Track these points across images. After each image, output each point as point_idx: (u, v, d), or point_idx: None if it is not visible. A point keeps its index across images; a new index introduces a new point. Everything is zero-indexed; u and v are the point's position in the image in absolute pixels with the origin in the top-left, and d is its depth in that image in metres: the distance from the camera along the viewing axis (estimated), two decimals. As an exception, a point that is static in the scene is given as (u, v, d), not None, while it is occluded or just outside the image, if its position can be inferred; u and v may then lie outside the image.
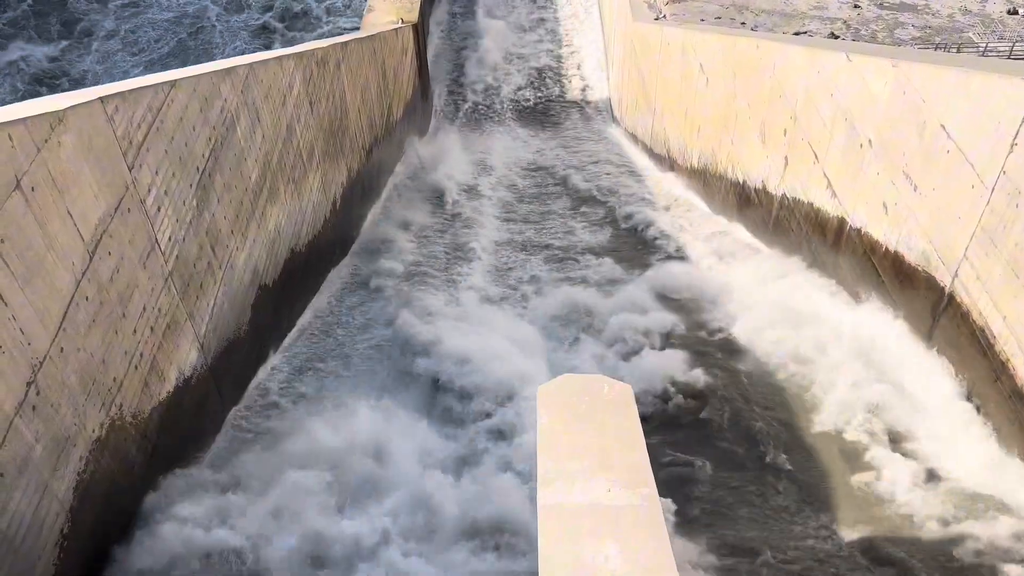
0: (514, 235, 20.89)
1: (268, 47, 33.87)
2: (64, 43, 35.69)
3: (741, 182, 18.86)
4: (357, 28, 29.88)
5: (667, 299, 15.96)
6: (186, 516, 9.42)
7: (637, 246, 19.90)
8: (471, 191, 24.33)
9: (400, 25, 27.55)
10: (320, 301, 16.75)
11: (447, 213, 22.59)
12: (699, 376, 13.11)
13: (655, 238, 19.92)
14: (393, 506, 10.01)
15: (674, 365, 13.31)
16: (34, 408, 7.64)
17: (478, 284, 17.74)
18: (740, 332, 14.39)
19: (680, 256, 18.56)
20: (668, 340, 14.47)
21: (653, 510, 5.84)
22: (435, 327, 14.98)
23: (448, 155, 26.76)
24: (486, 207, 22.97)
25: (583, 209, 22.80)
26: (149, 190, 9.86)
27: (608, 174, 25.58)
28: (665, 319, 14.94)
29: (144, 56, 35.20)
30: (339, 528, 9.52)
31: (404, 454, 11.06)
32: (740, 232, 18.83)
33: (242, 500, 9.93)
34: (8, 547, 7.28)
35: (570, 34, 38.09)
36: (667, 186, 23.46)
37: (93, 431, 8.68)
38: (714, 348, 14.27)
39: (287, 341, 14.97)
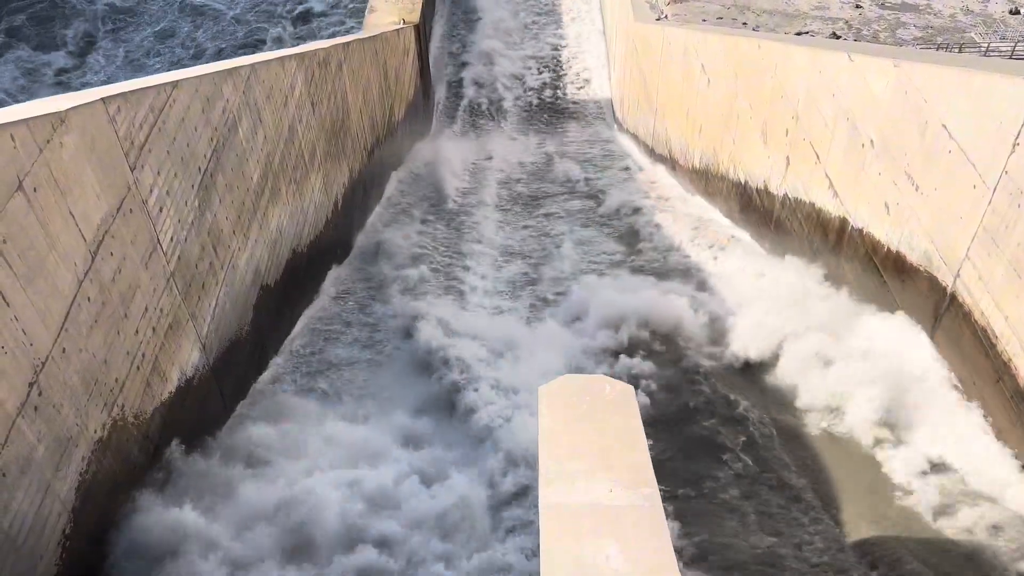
0: (511, 239, 20.91)
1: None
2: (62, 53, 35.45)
3: (743, 182, 18.86)
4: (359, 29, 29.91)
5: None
6: None
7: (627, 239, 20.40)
8: (472, 194, 24.32)
9: (402, 26, 27.56)
10: (322, 300, 16.79)
11: (448, 212, 22.60)
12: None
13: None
14: None
15: None
16: (36, 408, 7.65)
17: (478, 292, 17.86)
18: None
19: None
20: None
21: (654, 510, 5.84)
22: (439, 325, 15.17)
23: (450, 155, 26.75)
24: (486, 210, 22.97)
25: (576, 203, 23.10)
26: (151, 191, 9.87)
27: (608, 171, 25.70)
28: None
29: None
30: None
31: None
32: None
33: None
34: (10, 547, 7.29)
35: (571, 34, 38.10)
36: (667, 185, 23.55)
37: (95, 431, 8.69)
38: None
39: (289, 341, 14.99)
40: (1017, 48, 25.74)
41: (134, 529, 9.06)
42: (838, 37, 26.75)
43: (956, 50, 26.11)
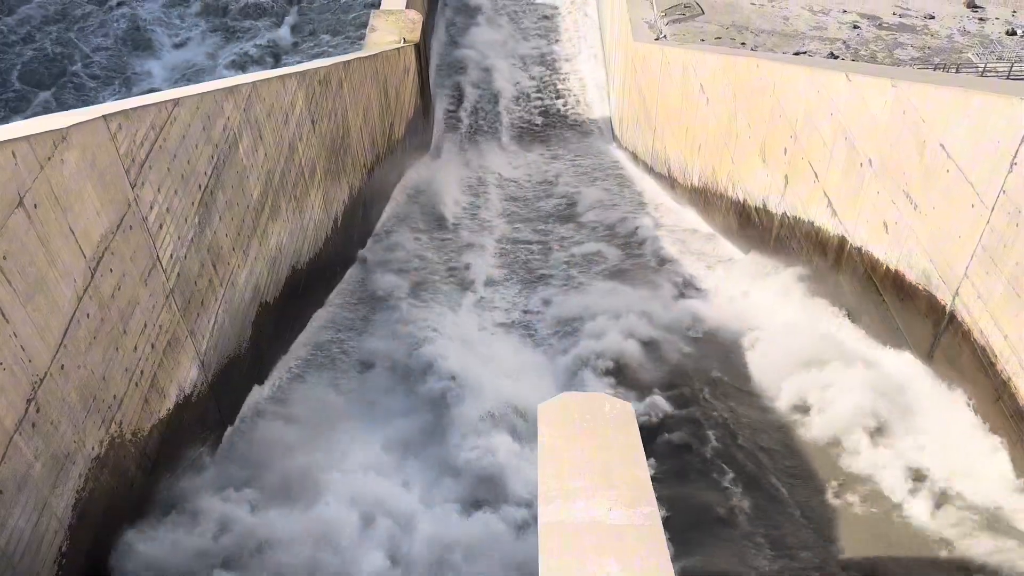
0: (511, 255, 20.92)
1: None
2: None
3: (742, 200, 18.91)
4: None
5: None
6: None
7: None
8: (471, 211, 24.36)
9: (402, 44, 27.69)
10: (322, 317, 16.77)
11: (448, 231, 22.62)
12: None
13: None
14: None
15: None
16: (34, 425, 7.62)
17: (476, 309, 17.85)
18: None
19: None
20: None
21: (654, 528, 5.81)
22: (437, 346, 15.10)
23: (449, 173, 26.84)
24: (486, 228, 23.00)
25: (573, 220, 23.25)
26: (151, 207, 9.89)
27: (606, 187, 25.84)
28: None
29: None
30: None
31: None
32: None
33: None
34: (7, 564, 7.25)
35: (570, 53, 38.28)
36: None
37: (92, 448, 8.66)
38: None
39: (288, 357, 14.97)
40: (1014, 68, 25.88)
41: None
42: (836, 57, 26.89)
43: (953, 70, 26.26)
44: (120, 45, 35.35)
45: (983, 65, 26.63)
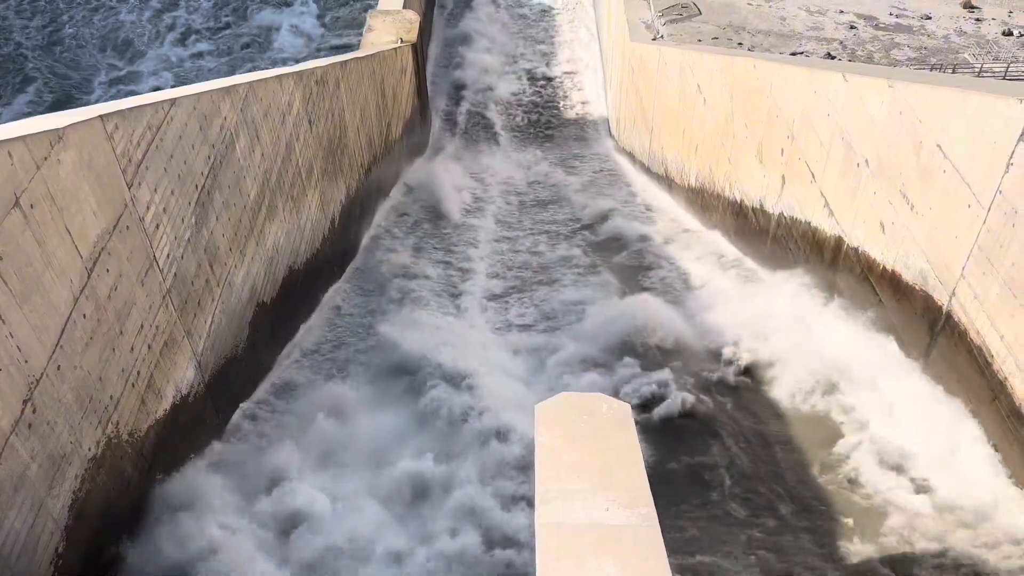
0: (509, 263, 20.91)
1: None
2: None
3: (739, 201, 18.92)
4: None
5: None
6: None
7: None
8: (469, 211, 24.32)
9: (399, 45, 27.65)
10: (318, 319, 16.74)
11: (445, 230, 22.59)
12: None
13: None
14: None
15: None
16: (30, 426, 7.61)
17: (472, 311, 17.84)
18: None
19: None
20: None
21: (652, 530, 5.81)
22: (435, 346, 15.12)
23: (447, 174, 26.76)
24: (484, 228, 22.97)
25: (571, 220, 23.23)
26: (148, 208, 9.87)
27: (603, 188, 25.85)
28: None
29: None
30: None
31: None
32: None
33: None
34: (3, 565, 7.24)
35: (568, 54, 38.27)
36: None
37: (89, 449, 8.64)
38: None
39: (285, 358, 14.94)
40: (1010, 69, 25.89)
41: None
42: (833, 58, 26.89)
43: (950, 71, 26.27)
44: (104, 44, 35.38)
45: (979, 65, 26.64)
